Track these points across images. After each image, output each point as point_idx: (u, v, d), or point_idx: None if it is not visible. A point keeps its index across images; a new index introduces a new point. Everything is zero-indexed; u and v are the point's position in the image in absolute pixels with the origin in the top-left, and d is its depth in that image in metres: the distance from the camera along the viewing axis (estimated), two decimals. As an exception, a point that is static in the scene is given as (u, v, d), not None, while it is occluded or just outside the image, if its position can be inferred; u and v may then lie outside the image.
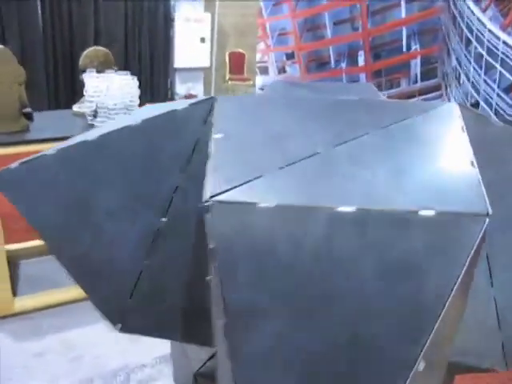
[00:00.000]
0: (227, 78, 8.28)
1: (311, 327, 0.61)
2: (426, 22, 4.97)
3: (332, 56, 5.89)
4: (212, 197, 0.59)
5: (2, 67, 2.87)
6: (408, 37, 5.07)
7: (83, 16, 6.50)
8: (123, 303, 0.86)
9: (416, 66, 5.10)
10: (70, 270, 0.88)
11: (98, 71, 3.12)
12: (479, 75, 4.48)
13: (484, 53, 4.39)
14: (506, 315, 0.69)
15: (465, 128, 0.65)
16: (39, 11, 6.09)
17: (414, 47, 5.08)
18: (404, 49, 5.15)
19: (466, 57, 4.59)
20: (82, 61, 3.32)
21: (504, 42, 4.19)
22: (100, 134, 0.77)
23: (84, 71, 3.18)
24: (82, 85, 3.11)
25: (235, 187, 0.58)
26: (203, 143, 0.75)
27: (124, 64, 6.99)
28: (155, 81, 7.66)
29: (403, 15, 5.08)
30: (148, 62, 7.51)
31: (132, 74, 3.21)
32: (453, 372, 0.75)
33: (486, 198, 0.55)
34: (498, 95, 4.34)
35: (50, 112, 3.77)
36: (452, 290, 0.54)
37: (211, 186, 0.59)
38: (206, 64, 8.11)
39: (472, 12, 4.46)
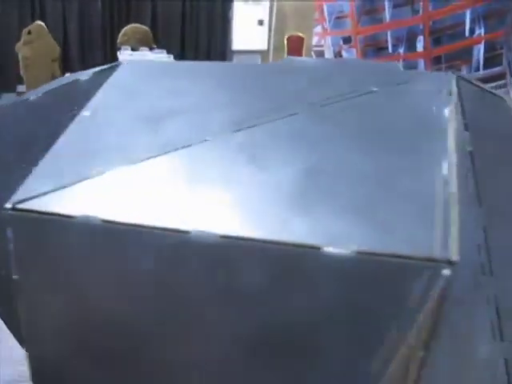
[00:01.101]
0: (285, 61, 8.13)
1: None
2: (494, 4, 4.55)
3: (390, 41, 5.56)
4: (16, 203, 0.43)
5: (37, 42, 2.90)
6: (472, 20, 4.67)
7: (141, -3, 6.54)
8: None
9: (479, 52, 4.69)
10: None
11: (133, 49, 3.09)
12: (549, 63, 4.06)
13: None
14: None
15: (455, 113, 0.43)
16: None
17: (477, 31, 4.68)
18: (467, 33, 4.76)
19: (535, 43, 4.16)
20: (119, 38, 3.31)
21: None
22: None
23: (120, 49, 3.16)
24: (117, 62, 3.09)
25: (55, 190, 0.44)
26: None
27: (181, 46, 6.99)
28: (211, 63, 7.61)
29: (468, -4, 4.68)
30: (205, 44, 7.47)
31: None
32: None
33: (455, 236, 0.33)
34: None
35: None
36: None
37: (23, 188, 0.45)
38: (264, 47, 7.98)
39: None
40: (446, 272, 0.31)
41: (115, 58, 6.67)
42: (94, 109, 0.54)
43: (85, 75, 0.65)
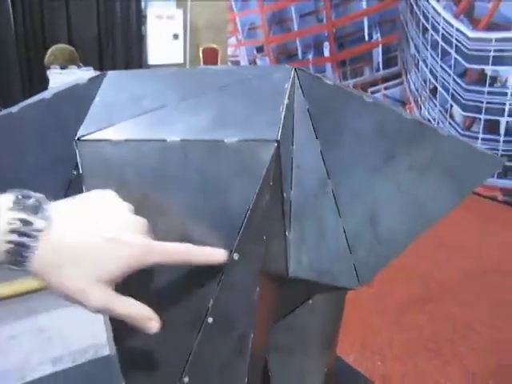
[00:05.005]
0: (202, 73, 8.37)
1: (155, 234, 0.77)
2: (386, 12, 5.13)
3: (299, 48, 6.03)
4: (79, 137, 0.76)
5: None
6: (369, 27, 5.23)
7: (55, 16, 6.58)
8: None
9: (378, 55, 5.26)
10: None
11: (62, 67, 3.23)
12: (436, 62, 4.66)
13: (439, 40, 4.56)
14: (355, 242, 0.82)
15: (290, 84, 0.79)
16: (10, 11, 6.15)
17: (375, 37, 5.24)
18: (366, 38, 5.32)
19: (423, 44, 4.76)
20: (46, 59, 3.42)
21: (457, 30, 4.37)
22: (20, 106, 0.91)
23: (49, 68, 3.29)
24: (47, 81, 3.22)
25: (98, 130, 0.75)
26: None
27: (99, 62, 7.07)
28: (130, 78, 7.73)
29: (364, 6, 5.24)
30: (122, 60, 7.59)
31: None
32: (312, 288, 0.90)
33: (279, 129, 0.69)
34: (453, 80, 4.52)
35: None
36: (252, 201, 0.68)
37: (80, 131, 0.76)
38: (180, 60, 8.20)
39: (427, 1, 4.63)
40: (274, 144, 0.67)
41: (32, 78, 6.63)
42: (100, 96, 0.83)
43: (81, 81, 0.91)
